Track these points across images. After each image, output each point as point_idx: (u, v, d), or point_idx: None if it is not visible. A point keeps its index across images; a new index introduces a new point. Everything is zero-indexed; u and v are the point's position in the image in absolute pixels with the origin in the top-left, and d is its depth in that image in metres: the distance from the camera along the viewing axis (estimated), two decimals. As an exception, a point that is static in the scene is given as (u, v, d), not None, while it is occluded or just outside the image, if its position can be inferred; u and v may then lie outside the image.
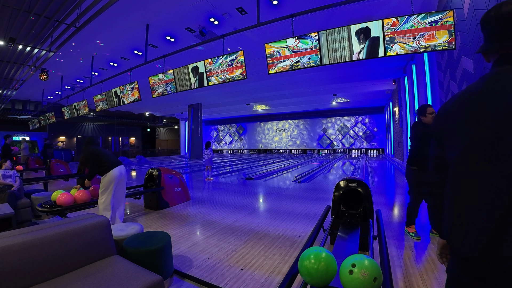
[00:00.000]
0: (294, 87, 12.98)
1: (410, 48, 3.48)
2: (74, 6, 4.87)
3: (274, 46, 4.38)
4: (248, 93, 14.49)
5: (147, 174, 4.66)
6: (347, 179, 2.74)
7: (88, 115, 17.25)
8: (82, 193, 3.37)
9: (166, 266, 2.01)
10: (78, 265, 1.63)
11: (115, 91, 7.60)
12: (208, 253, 2.64)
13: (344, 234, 2.23)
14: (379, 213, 2.46)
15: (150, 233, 2.19)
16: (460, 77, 4.56)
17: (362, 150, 21.22)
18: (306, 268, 1.23)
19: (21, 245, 1.43)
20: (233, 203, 4.85)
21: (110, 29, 6.63)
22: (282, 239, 3.00)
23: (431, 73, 6.61)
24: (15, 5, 4.82)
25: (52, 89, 12.58)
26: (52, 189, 5.54)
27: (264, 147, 25.55)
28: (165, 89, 6.19)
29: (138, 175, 9.79)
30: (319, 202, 4.74)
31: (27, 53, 7.14)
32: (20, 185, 4.10)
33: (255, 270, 2.28)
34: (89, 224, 1.77)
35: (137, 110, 20.75)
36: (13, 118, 18.34)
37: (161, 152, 27.82)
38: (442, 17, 3.30)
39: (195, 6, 5.63)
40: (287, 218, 3.81)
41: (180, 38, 7.24)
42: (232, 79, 4.98)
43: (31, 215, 3.78)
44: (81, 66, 9.39)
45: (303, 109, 21.65)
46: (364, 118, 21.18)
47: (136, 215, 4.16)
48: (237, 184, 7.22)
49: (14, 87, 10.66)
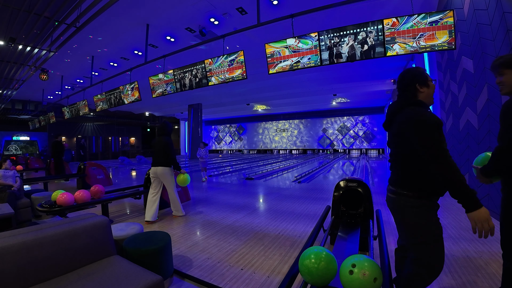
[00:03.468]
0: (294, 87, 12.99)
1: (410, 48, 3.48)
2: (74, 6, 4.87)
3: (274, 46, 4.38)
4: (248, 93, 14.49)
5: (147, 174, 4.65)
6: (347, 179, 2.74)
7: (88, 115, 17.26)
8: (82, 193, 3.37)
9: (166, 266, 2.01)
10: (78, 265, 1.63)
11: (115, 91, 7.60)
12: (208, 253, 2.64)
13: (344, 234, 2.23)
14: (379, 213, 2.46)
15: (150, 233, 2.19)
16: (460, 77, 4.56)
17: (362, 150, 21.22)
18: (307, 267, 1.23)
19: (21, 245, 1.42)
20: (233, 203, 4.85)
21: (110, 29, 6.64)
22: (282, 239, 3.00)
23: (431, 73, 6.60)
24: (15, 5, 4.82)
25: (52, 89, 12.59)
26: (52, 189, 5.54)
27: (264, 147, 25.55)
28: (165, 89, 6.19)
29: (138, 175, 9.80)
30: (319, 202, 4.74)
31: (27, 53, 7.14)
32: (20, 185, 4.10)
33: (255, 270, 2.28)
34: (89, 224, 1.77)
35: (137, 110, 20.76)
36: (13, 118, 18.35)
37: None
38: (442, 17, 3.30)
39: (195, 6, 5.64)
40: (287, 218, 3.81)
41: (180, 38, 7.25)
42: (232, 79, 4.98)
43: (31, 215, 3.78)
44: (81, 66, 9.39)
45: (303, 109, 21.66)
46: (364, 118, 21.17)
47: (136, 215, 4.16)
48: (237, 184, 7.22)
49: (14, 87, 10.66)
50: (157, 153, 3.87)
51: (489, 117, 3.55)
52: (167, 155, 3.82)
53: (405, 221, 1.43)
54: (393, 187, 1.48)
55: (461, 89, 4.56)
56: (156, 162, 3.84)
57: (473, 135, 4.13)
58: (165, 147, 3.84)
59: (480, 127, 3.86)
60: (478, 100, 3.88)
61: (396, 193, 1.45)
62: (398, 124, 1.43)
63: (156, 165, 3.83)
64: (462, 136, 4.60)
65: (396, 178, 1.49)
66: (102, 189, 3.72)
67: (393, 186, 1.49)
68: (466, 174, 4.48)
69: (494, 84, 3.39)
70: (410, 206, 1.38)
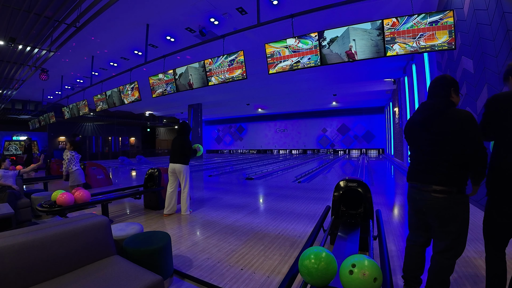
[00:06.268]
0: (294, 87, 12.99)
1: (410, 48, 3.48)
2: (74, 6, 4.87)
3: (274, 46, 4.38)
4: (248, 93, 14.49)
5: (147, 174, 4.66)
6: (347, 179, 2.74)
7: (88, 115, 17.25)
8: (82, 193, 3.37)
9: (166, 266, 2.01)
10: (78, 265, 1.63)
11: (115, 91, 7.59)
12: (208, 253, 2.64)
13: (344, 234, 2.23)
14: (379, 213, 2.46)
15: (150, 233, 2.18)
16: (460, 77, 4.56)
17: (362, 150, 21.22)
18: (307, 268, 1.23)
19: (21, 245, 1.42)
20: (233, 203, 4.85)
21: (110, 29, 6.63)
22: (282, 239, 3.00)
23: (431, 73, 6.61)
24: (15, 5, 4.81)
25: (52, 89, 12.59)
26: (52, 189, 5.54)
27: (264, 147, 25.54)
28: (165, 89, 6.18)
29: (138, 175, 9.79)
30: (319, 202, 4.74)
31: (27, 53, 7.14)
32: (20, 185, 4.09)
33: (255, 270, 2.28)
34: (89, 224, 1.77)
35: (137, 110, 20.76)
36: (13, 118, 18.33)
37: (161, 152, 27.81)
38: (442, 17, 3.30)
39: (195, 6, 5.64)
40: (287, 218, 3.81)
41: (180, 38, 7.25)
42: (232, 79, 4.98)
43: (31, 215, 3.78)
44: (81, 66, 9.39)
45: (303, 109, 21.65)
46: (364, 118, 21.17)
47: (136, 215, 4.16)
48: (237, 184, 7.22)
49: (14, 87, 10.66)
50: (175, 151, 4.14)
51: (489, 117, 3.54)
52: (184, 153, 4.09)
53: (454, 218, 1.51)
54: (439, 186, 1.52)
55: (461, 89, 4.56)
56: (174, 159, 4.11)
57: (473, 135, 4.12)
58: (183, 145, 4.12)
59: (480, 127, 3.86)
60: (478, 100, 3.88)
61: (446, 191, 1.50)
62: (451, 122, 1.50)
63: (174, 162, 4.10)
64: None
65: (441, 176, 1.52)
66: (87, 195, 3.42)
67: (439, 185, 1.52)
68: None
69: (494, 84, 3.39)
70: (462, 203, 1.51)
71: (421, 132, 1.62)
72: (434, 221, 1.57)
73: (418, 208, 1.66)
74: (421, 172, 1.61)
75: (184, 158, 4.11)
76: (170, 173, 4.14)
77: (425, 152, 1.59)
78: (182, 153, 4.10)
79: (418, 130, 1.65)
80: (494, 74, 3.37)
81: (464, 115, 1.48)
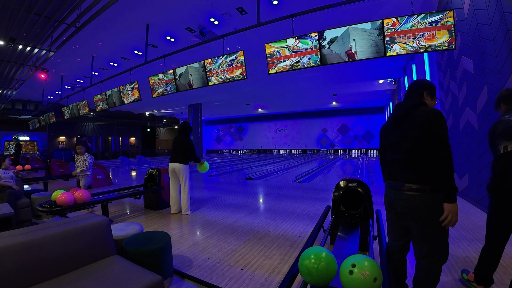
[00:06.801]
0: (294, 87, 12.98)
1: (410, 48, 3.48)
2: (74, 6, 4.86)
3: (274, 46, 4.38)
4: (248, 93, 14.48)
5: (147, 174, 4.66)
6: (347, 179, 2.74)
7: (88, 115, 17.25)
8: (82, 193, 3.37)
9: (166, 266, 2.01)
10: (78, 265, 1.63)
11: (115, 91, 7.59)
12: (208, 253, 2.64)
13: (344, 234, 2.23)
14: (379, 213, 2.46)
15: (150, 233, 2.19)
16: (460, 77, 4.56)
17: (362, 150, 21.21)
18: (307, 268, 1.24)
19: (21, 245, 1.42)
20: (233, 203, 4.85)
21: (110, 29, 6.63)
22: (282, 239, 3.00)
23: (431, 73, 6.60)
24: (15, 5, 4.81)
25: (52, 89, 12.58)
26: (52, 189, 5.54)
27: (264, 147, 25.53)
28: (165, 89, 6.18)
29: (138, 175, 9.79)
30: (319, 202, 4.74)
31: (27, 53, 7.13)
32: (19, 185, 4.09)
33: (255, 270, 2.28)
34: (89, 224, 1.77)
35: (137, 110, 20.75)
36: (13, 118, 18.33)
37: (161, 152, 27.81)
38: (442, 17, 3.30)
39: (195, 6, 5.63)
40: (287, 218, 3.81)
41: (180, 38, 7.24)
42: (232, 79, 4.98)
43: (31, 215, 3.78)
44: (81, 66, 9.38)
45: (303, 109, 21.63)
46: (364, 118, 21.17)
47: (136, 215, 4.16)
48: (237, 184, 7.22)
49: (14, 87, 10.65)
50: (175, 150, 4.16)
51: (489, 117, 3.55)
52: (185, 153, 4.11)
53: (432, 218, 1.41)
54: (411, 184, 1.44)
55: (461, 89, 4.56)
56: (173, 159, 4.13)
57: (473, 135, 4.13)
58: (184, 145, 4.13)
59: (480, 127, 3.86)
60: (478, 100, 3.88)
61: (418, 189, 1.41)
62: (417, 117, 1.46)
63: (174, 161, 4.11)
64: (462, 136, 4.60)
65: (413, 174, 1.44)
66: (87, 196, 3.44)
67: (411, 183, 1.44)
68: (466, 174, 4.48)
69: (494, 84, 3.39)
70: (438, 201, 1.40)
71: (393, 130, 1.61)
72: (412, 223, 1.49)
73: (393, 209, 1.58)
74: (395, 170, 1.56)
75: (184, 158, 4.10)
76: (170, 173, 4.15)
77: (397, 151, 1.55)
78: (182, 152, 4.10)
79: (389, 128, 1.65)
80: (494, 74, 3.37)
81: (430, 111, 1.44)
